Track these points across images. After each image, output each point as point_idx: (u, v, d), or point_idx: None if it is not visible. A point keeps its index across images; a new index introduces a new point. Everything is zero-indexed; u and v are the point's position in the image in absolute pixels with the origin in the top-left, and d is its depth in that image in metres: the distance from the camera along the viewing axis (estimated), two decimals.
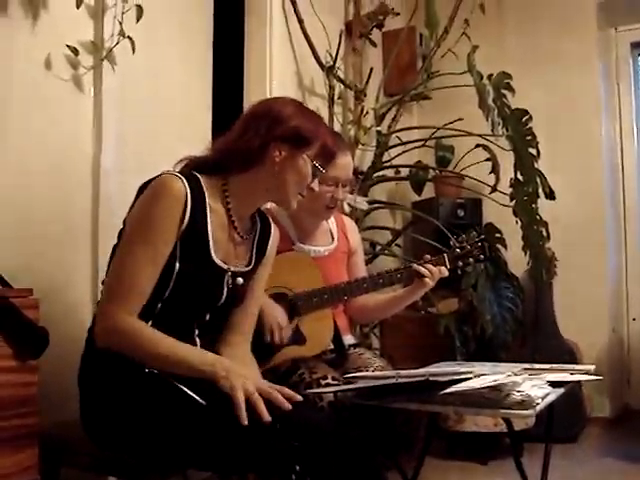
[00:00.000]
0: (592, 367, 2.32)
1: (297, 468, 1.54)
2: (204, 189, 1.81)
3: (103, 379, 1.77)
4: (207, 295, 1.84)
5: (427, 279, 2.40)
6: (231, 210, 1.86)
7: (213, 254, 1.81)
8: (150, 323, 1.75)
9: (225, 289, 1.85)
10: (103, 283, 1.85)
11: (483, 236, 2.55)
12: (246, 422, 1.55)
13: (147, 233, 1.73)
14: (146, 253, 1.71)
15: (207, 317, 1.87)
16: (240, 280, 1.88)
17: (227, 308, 1.90)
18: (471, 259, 2.52)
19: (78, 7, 2.40)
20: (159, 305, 1.77)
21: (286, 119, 1.83)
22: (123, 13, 2.51)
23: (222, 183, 1.86)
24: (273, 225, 2.04)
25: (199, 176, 1.82)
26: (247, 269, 1.92)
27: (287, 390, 1.66)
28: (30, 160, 2.31)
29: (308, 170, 1.87)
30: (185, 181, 1.75)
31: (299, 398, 1.66)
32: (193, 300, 1.82)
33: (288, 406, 1.60)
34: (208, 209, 1.80)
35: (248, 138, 1.82)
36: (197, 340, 1.86)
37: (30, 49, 2.33)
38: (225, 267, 1.84)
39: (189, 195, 1.75)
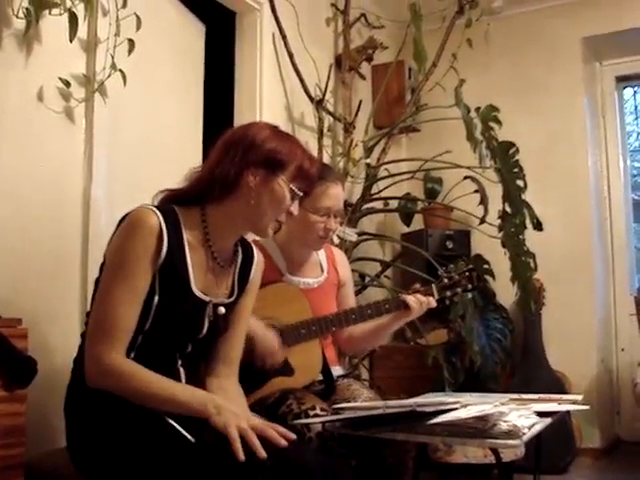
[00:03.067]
0: (580, 397, 2.32)
1: None
2: (180, 221, 1.80)
3: (89, 410, 1.76)
4: (188, 327, 1.83)
5: (414, 309, 2.41)
6: (210, 240, 1.84)
7: (193, 286, 1.80)
8: (132, 355, 1.74)
9: (206, 320, 1.84)
10: (88, 315, 1.85)
11: (471, 266, 2.57)
12: (243, 457, 1.54)
13: (124, 268, 1.72)
14: (125, 289, 1.71)
15: (189, 348, 1.86)
16: (222, 309, 1.86)
17: (209, 339, 1.89)
18: (459, 289, 2.53)
19: (71, 41, 2.43)
20: (140, 337, 1.76)
21: (260, 144, 1.81)
22: (115, 47, 2.55)
23: (200, 214, 1.84)
24: (257, 253, 2.03)
25: (176, 208, 1.82)
26: (229, 300, 1.91)
27: (281, 428, 1.65)
28: (21, 191, 2.33)
29: (285, 194, 1.83)
30: (159, 214, 1.75)
31: (293, 436, 1.64)
32: (174, 332, 1.81)
33: (284, 443, 1.59)
34: (186, 241, 1.79)
35: (223, 166, 1.80)
36: (181, 370, 1.85)
37: (23, 81, 2.35)
38: (206, 299, 1.83)
39: (164, 228, 1.74)
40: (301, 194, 1.87)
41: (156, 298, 1.75)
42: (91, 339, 1.73)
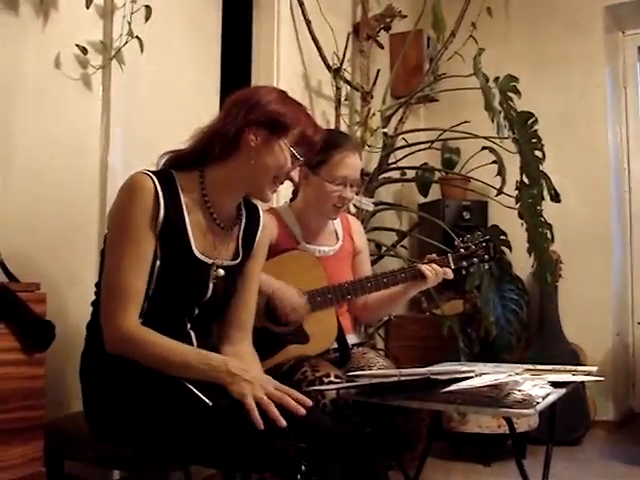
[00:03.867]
0: (594, 368, 2.32)
1: (303, 468, 1.54)
2: (177, 183, 1.80)
3: (104, 375, 1.79)
4: (192, 290, 1.84)
5: (430, 277, 2.41)
6: (209, 202, 1.84)
7: (194, 249, 1.81)
8: (140, 321, 1.75)
9: (210, 283, 1.85)
10: (96, 286, 1.87)
11: (488, 236, 2.56)
12: (262, 426, 1.55)
13: (126, 235, 1.73)
14: (130, 253, 1.72)
15: (196, 311, 1.87)
16: (221, 272, 1.86)
17: (216, 301, 1.89)
18: (475, 259, 2.52)
19: (88, 7, 2.42)
20: (145, 303, 1.77)
21: (264, 104, 1.80)
22: (132, 13, 2.54)
23: (199, 175, 1.84)
24: (263, 216, 2.02)
25: (173, 172, 1.82)
26: (234, 262, 1.91)
27: (298, 394, 1.66)
28: (39, 157, 2.34)
29: (286, 156, 1.82)
30: (155, 178, 1.75)
31: (309, 402, 1.64)
32: (178, 296, 1.82)
33: (302, 411, 1.60)
34: (183, 204, 1.79)
35: (225, 124, 1.80)
36: (191, 333, 1.86)
37: (40, 48, 2.35)
38: (209, 261, 1.83)
39: (159, 190, 1.74)
40: (302, 159, 1.86)
41: (157, 263, 1.76)
42: (106, 308, 1.75)
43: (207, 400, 1.66)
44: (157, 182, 1.75)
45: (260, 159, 1.80)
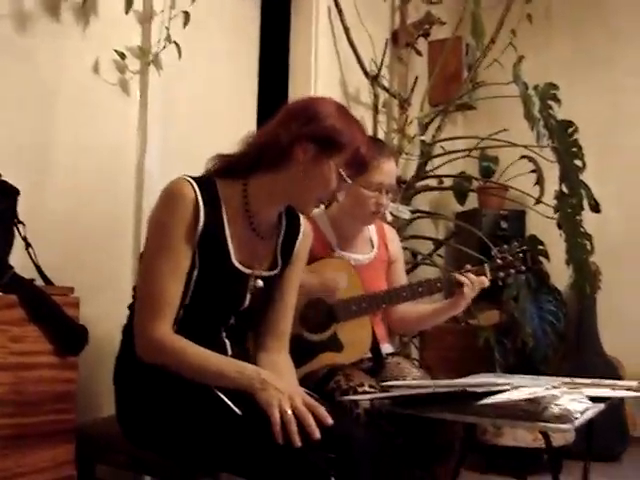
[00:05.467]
0: (635, 383, 2.27)
1: (332, 479, 1.52)
2: (219, 192, 1.77)
3: (138, 381, 1.78)
4: (229, 300, 1.82)
5: (467, 289, 2.37)
6: (250, 212, 1.80)
7: (233, 259, 1.78)
8: (175, 329, 1.74)
9: (248, 294, 1.83)
10: (134, 289, 1.86)
11: (525, 247, 2.51)
12: (281, 441, 1.52)
13: (164, 242, 1.71)
14: (168, 261, 1.70)
15: (232, 320, 1.85)
16: (260, 282, 1.83)
17: (252, 311, 1.87)
18: (512, 270, 2.48)
19: (127, 13, 2.45)
20: (181, 311, 1.76)
21: (322, 118, 1.73)
22: (170, 19, 2.55)
23: (242, 183, 1.79)
24: (304, 224, 1.97)
25: (215, 179, 1.79)
26: (272, 272, 1.88)
27: (321, 411, 1.59)
28: (77, 161, 2.36)
29: (332, 177, 1.75)
30: (195, 185, 1.72)
31: (330, 422, 1.58)
32: (215, 305, 1.81)
33: (316, 435, 1.53)
34: (224, 212, 1.76)
35: (278, 134, 1.74)
36: (226, 342, 1.85)
37: (79, 53, 2.38)
38: (247, 271, 1.81)
39: (200, 198, 1.71)
40: (350, 182, 1.80)
41: (195, 272, 1.74)
42: (139, 315, 1.74)
43: (236, 409, 1.64)
44: (198, 190, 1.72)
45: (306, 177, 1.75)
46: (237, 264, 1.79)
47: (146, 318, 1.71)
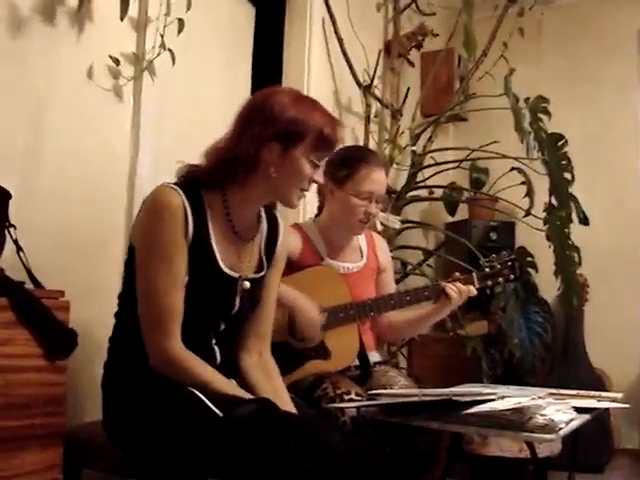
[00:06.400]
0: (620, 395, 2.29)
1: None
2: (203, 199, 1.79)
3: (125, 387, 1.79)
4: (219, 304, 1.83)
5: (454, 296, 2.39)
6: (230, 215, 1.83)
7: (221, 263, 1.80)
8: None
9: (237, 297, 1.85)
10: (119, 297, 1.87)
11: (513, 256, 2.53)
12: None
13: (160, 254, 1.72)
14: (168, 273, 1.71)
15: (222, 326, 1.86)
16: (247, 284, 1.85)
17: (242, 316, 1.89)
18: (500, 279, 2.50)
19: (122, 19, 2.45)
20: None
21: (277, 116, 1.76)
22: (165, 26, 2.56)
23: (222, 194, 1.82)
24: (282, 226, 2.00)
25: (199, 187, 1.80)
26: (259, 274, 1.91)
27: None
28: (68, 166, 2.36)
29: (304, 166, 1.79)
30: (181, 192, 1.74)
31: None
32: (205, 311, 1.82)
33: None
34: (209, 219, 1.79)
35: (243, 145, 1.77)
36: (215, 348, 1.85)
37: (74, 58, 2.38)
38: (235, 275, 1.83)
39: (188, 207, 1.73)
40: (320, 164, 1.84)
41: (186, 278, 1.75)
42: (149, 334, 1.74)
43: (218, 411, 1.64)
44: (184, 196, 1.74)
45: (280, 173, 1.79)
46: (225, 268, 1.81)
47: (154, 332, 1.73)
